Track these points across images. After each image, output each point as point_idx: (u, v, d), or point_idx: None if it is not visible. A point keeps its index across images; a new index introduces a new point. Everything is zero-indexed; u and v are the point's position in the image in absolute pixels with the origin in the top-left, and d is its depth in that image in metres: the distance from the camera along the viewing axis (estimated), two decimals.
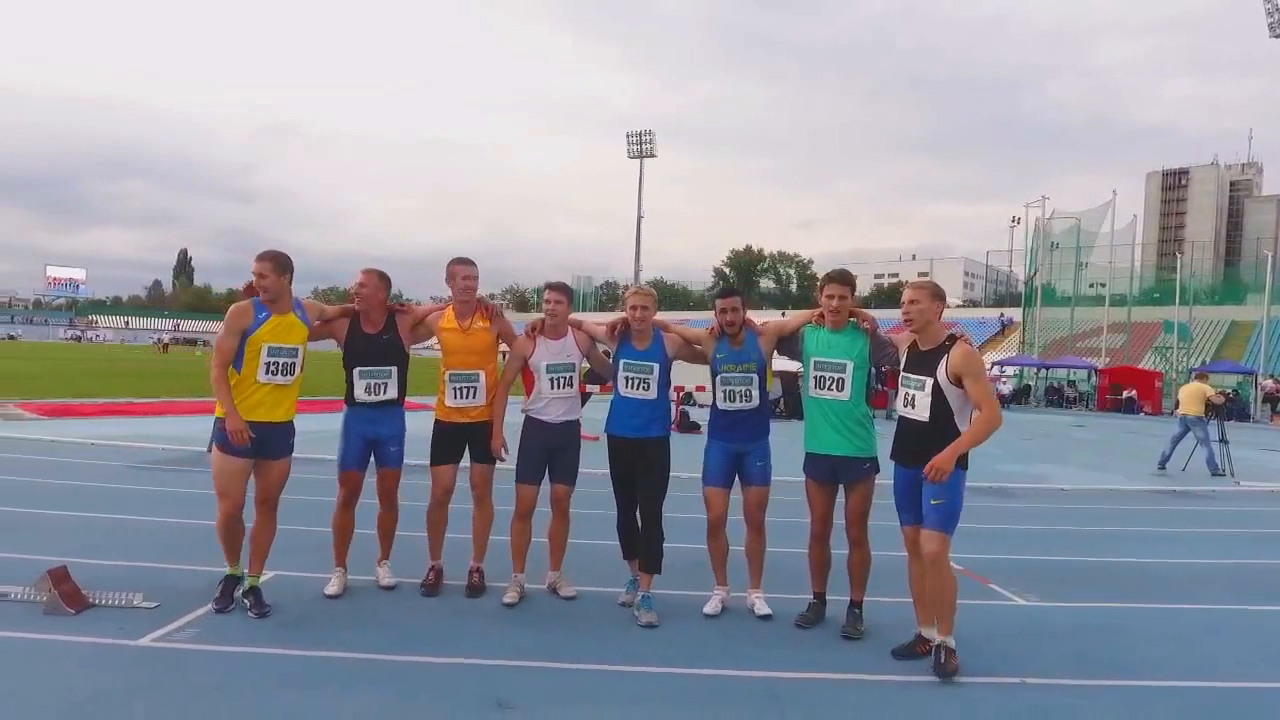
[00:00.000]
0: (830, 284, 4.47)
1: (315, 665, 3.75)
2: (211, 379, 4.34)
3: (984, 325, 60.93)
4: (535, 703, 3.44)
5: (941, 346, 4.09)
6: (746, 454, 4.68)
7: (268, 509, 4.52)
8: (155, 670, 3.63)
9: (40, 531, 6.07)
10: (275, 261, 4.36)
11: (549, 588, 4.96)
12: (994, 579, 5.71)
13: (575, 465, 4.93)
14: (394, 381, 4.82)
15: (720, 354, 4.70)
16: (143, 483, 8.52)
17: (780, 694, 3.65)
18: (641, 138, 58.05)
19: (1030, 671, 3.99)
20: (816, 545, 4.65)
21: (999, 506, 9.21)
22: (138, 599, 4.42)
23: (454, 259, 4.89)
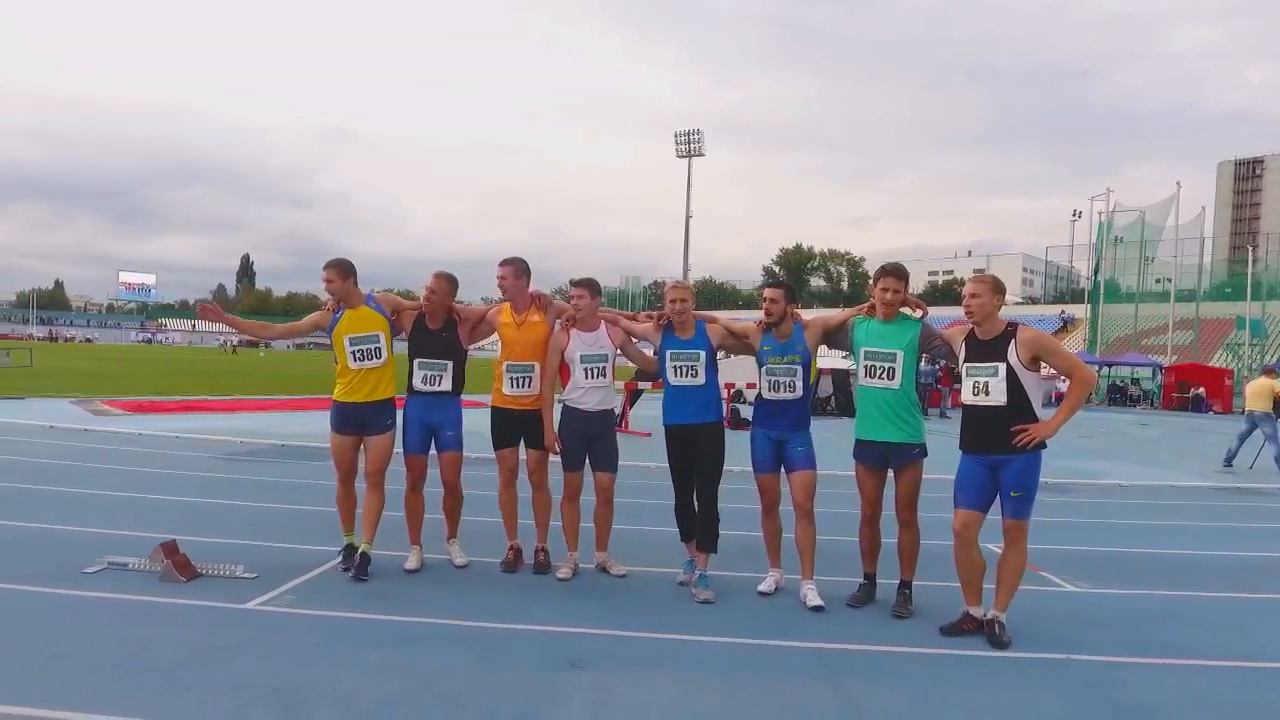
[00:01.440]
0: (885, 277, 4.66)
1: (401, 628, 4.11)
2: None
3: (1043, 322, 59.39)
4: (603, 664, 3.73)
5: (1005, 334, 4.25)
6: (787, 441, 4.88)
7: (375, 481, 5.09)
8: (262, 629, 4.03)
9: (145, 513, 6.61)
10: (339, 268, 5.01)
11: (598, 567, 5.26)
12: (1046, 568, 5.80)
13: (614, 452, 5.20)
14: (449, 374, 5.18)
15: (767, 346, 4.92)
16: (226, 472, 9.11)
17: (831, 663, 3.87)
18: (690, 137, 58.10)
19: (1078, 649, 4.12)
20: (866, 528, 4.84)
21: (1053, 501, 9.17)
22: (239, 570, 4.86)
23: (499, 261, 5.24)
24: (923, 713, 3.36)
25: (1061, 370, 4.34)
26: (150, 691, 3.21)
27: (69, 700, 3.08)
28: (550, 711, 3.22)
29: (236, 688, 3.29)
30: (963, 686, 3.65)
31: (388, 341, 5.10)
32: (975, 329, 4.34)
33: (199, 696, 3.19)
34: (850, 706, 3.38)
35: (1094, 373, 4.27)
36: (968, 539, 4.26)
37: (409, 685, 3.39)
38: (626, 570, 5.21)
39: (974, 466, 4.28)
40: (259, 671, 3.47)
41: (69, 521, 6.12)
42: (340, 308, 5.06)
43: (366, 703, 3.20)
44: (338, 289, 4.98)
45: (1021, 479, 4.13)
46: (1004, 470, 4.17)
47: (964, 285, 4.41)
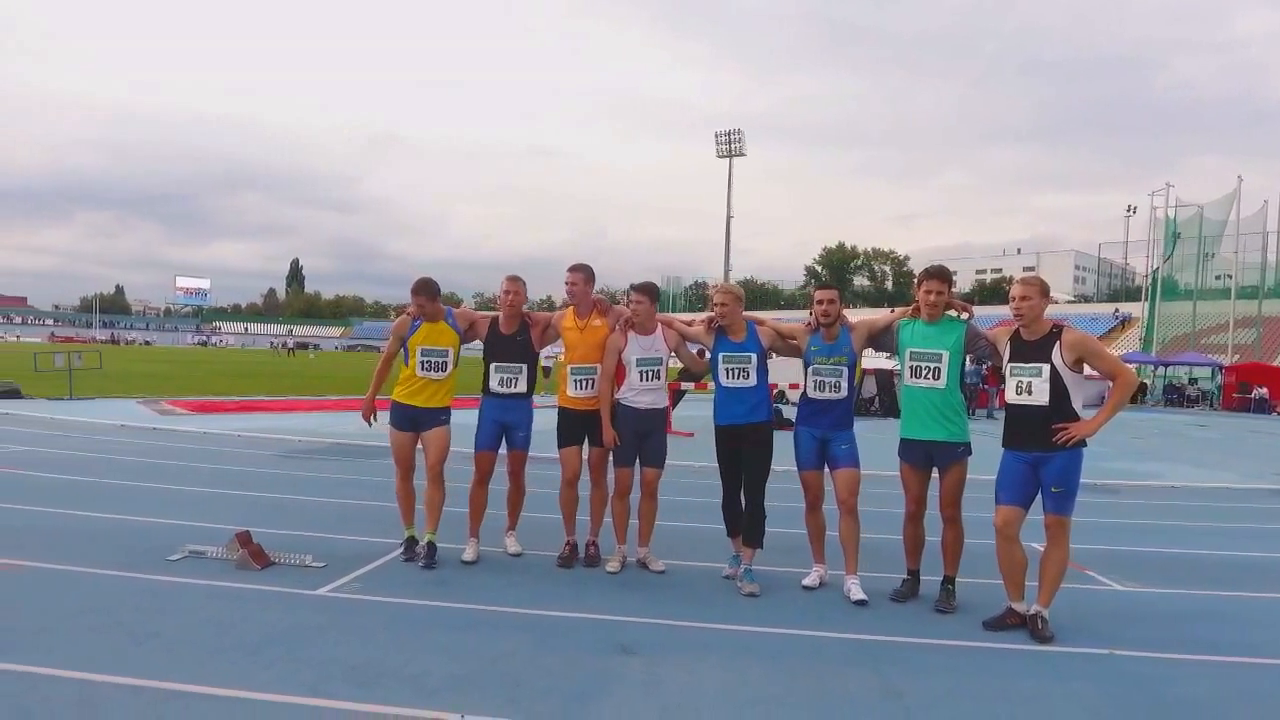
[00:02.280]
0: (929, 280, 4.76)
1: (462, 614, 4.35)
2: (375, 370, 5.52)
3: (1096, 321, 57.97)
4: (653, 650, 3.92)
5: (1049, 335, 4.32)
6: (831, 439, 5.00)
7: (434, 475, 5.42)
8: (333, 613, 4.30)
9: (217, 506, 7.00)
10: (427, 293, 5.32)
11: (639, 562, 5.44)
12: (1092, 567, 5.82)
13: (663, 450, 5.39)
14: (524, 377, 5.44)
15: (814, 346, 5.05)
16: (287, 468, 9.52)
17: (874, 652, 3.99)
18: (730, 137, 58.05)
19: (1121, 645, 4.17)
20: (910, 525, 4.94)
21: (1103, 502, 9.10)
22: (309, 559, 5.17)
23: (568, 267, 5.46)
24: (962, 698, 3.48)
25: (1105, 373, 4.39)
26: (238, 666, 3.49)
27: (168, 673, 3.37)
28: (605, 692, 3.41)
29: (314, 665, 3.55)
30: (1002, 676, 3.75)
31: (455, 356, 5.43)
32: (1021, 329, 4.42)
33: (281, 672, 3.46)
34: (891, 692, 3.51)
35: (1136, 375, 4.31)
36: (1009, 535, 4.34)
37: (472, 667, 3.62)
38: (665, 566, 5.38)
39: (1015, 463, 4.36)
40: (333, 651, 3.73)
41: (148, 513, 6.52)
42: (419, 318, 5.35)
43: (434, 681, 3.43)
44: (428, 310, 5.31)
45: (1062, 475, 4.21)
46: (1045, 467, 4.25)
47: (1011, 286, 4.48)
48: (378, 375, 5.47)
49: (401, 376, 5.43)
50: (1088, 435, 4.19)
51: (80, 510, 6.55)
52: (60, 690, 3.20)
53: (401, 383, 5.42)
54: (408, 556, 5.34)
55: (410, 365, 5.37)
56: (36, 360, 21.23)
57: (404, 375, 5.41)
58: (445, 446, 5.44)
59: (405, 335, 5.37)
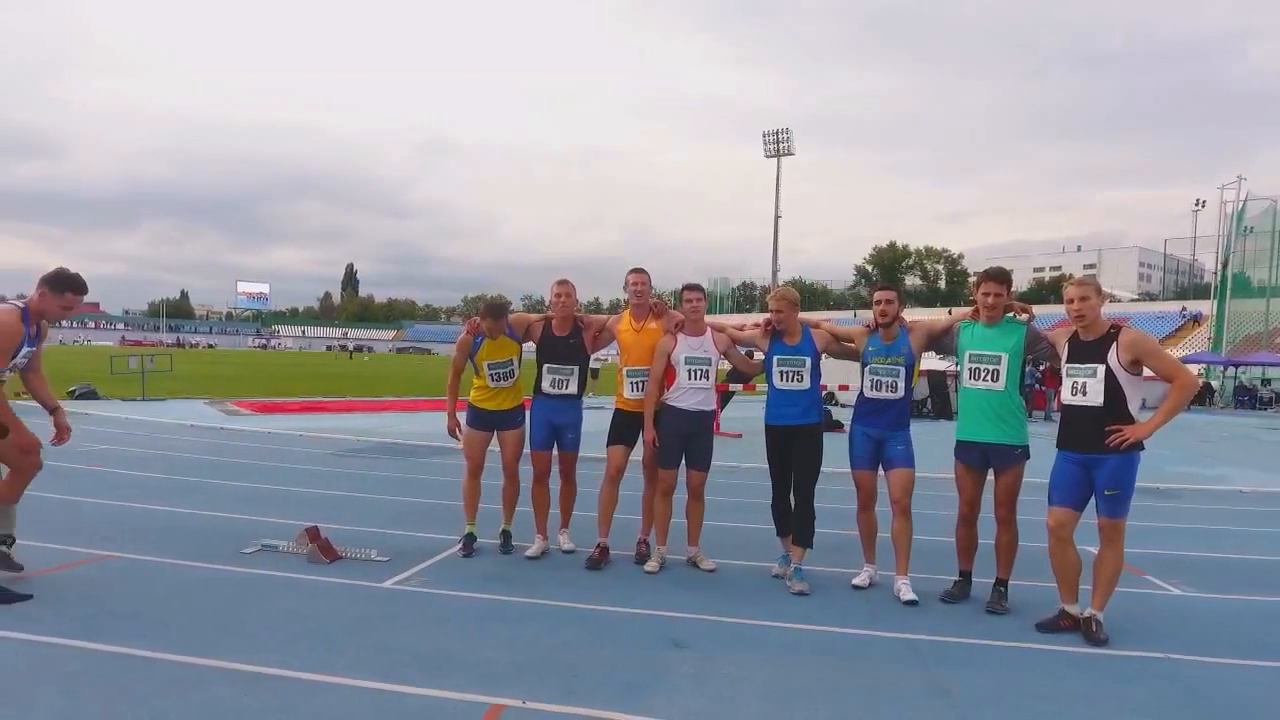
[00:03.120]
0: (987, 282, 4.78)
1: (520, 607, 4.53)
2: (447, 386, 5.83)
3: (1162, 320, 55.97)
4: (704, 645, 4.03)
5: (1107, 335, 4.30)
6: (887, 440, 5.04)
7: (510, 472, 5.74)
8: (399, 605, 4.52)
9: (284, 502, 7.34)
10: (493, 315, 5.46)
11: (689, 561, 5.54)
12: (1151, 572, 5.74)
13: (709, 452, 5.48)
14: (575, 379, 5.61)
15: (872, 347, 5.09)
16: (348, 467, 9.90)
17: (923, 651, 4.04)
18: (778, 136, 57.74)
19: (1176, 649, 4.14)
20: (964, 526, 4.95)
21: (1164, 506, 8.89)
22: (374, 553, 5.42)
23: (630, 269, 5.61)
24: (1011, 697, 3.51)
25: (1162, 374, 4.31)
26: (314, 652, 3.71)
27: (253, 657, 3.61)
28: (658, 683, 3.54)
29: (385, 652, 3.76)
30: (1052, 676, 3.76)
31: (519, 360, 5.68)
32: (1079, 330, 4.41)
33: (355, 658, 3.67)
34: (939, 690, 3.56)
35: (1195, 378, 4.24)
36: (1062, 536, 4.34)
37: (532, 656, 3.79)
38: (716, 565, 5.48)
39: (1068, 465, 4.35)
40: (402, 640, 3.94)
41: (221, 509, 6.88)
42: (480, 334, 5.57)
43: (497, 669, 3.61)
44: (490, 328, 5.48)
45: (1116, 478, 4.18)
46: (1098, 469, 4.23)
47: (1065, 288, 4.46)
48: (451, 390, 5.70)
49: (475, 384, 5.71)
50: (1141, 439, 4.16)
51: (160, 505, 6.94)
52: (156, 670, 3.46)
53: (476, 389, 5.69)
54: (466, 552, 5.55)
55: (481, 378, 5.64)
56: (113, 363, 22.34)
57: (477, 383, 5.69)
58: (520, 446, 5.75)
59: (470, 353, 5.62)
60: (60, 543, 5.42)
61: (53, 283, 4.29)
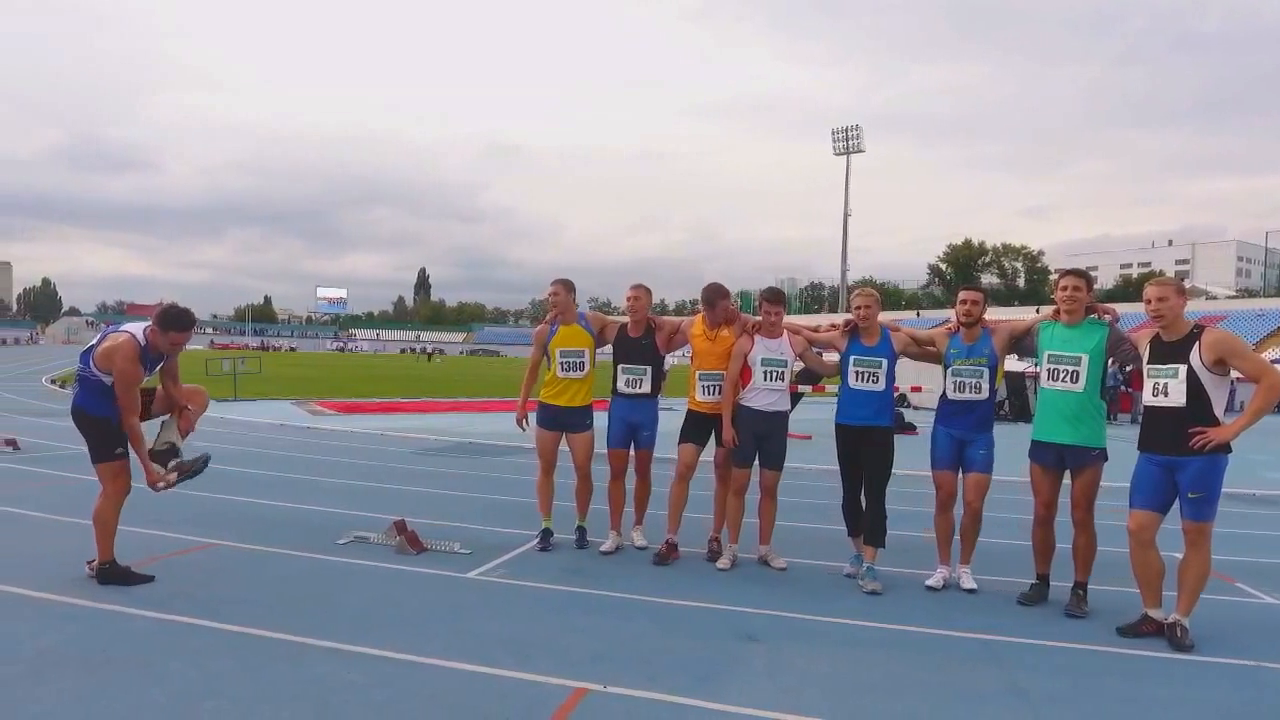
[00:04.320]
0: (1065, 277, 4.77)
1: (597, 599, 4.71)
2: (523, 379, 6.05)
3: (1263, 318, 52.82)
4: (775, 639, 4.13)
5: (1190, 335, 4.22)
6: (970, 442, 5.04)
7: (582, 473, 5.95)
8: (484, 594, 4.77)
9: (371, 497, 7.74)
10: (565, 284, 5.83)
11: (760, 559, 5.62)
12: (1242, 579, 5.56)
13: (782, 452, 5.54)
14: (648, 378, 5.77)
15: (954, 349, 5.10)
16: (427, 465, 10.32)
17: (998, 651, 4.04)
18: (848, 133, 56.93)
19: (1268, 658, 4.03)
20: (1040, 529, 4.91)
21: (1260, 514, 8.51)
22: (457, 546, 5.70)
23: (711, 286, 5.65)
24: (1089, 699, 3.49)
25: (1248, 374, 4.17)
26: (409, 636, 3.97)
27: (351, 638, 3.89)
28: (730, 673, 3.66)
29: (473, 637, 3.99)
30: (1134, 680, 3.72)
31: (591, 356, 5.84)
32: (1160, 331, 4.33)
33: (446, 642, 3.91)
34: (1015, 689, 3.57)
35: None
36: (1144, 540, 4.26)
37: (610, 645, 3.96)
38: (787, 563, 5.55)
39: (1150, 467, 4.27)
40: (488, 627, 4.17)
41: (314, 502, 7.31)
42: (556, 322, 5.80)
43: (578, 656, 3.79)
44: (562, 300, 5.75)
45: (1200, 480, 4.10)
46: (1181, 471, 4.14)
47: (1145, 288, 4.39)
48: (526, 383, 5.96)
49: (546, 379, 5.90)
50: (1225, 440, 4.06)
51: (258, 499, 7.42)
52: (269, 647, 3.76)
53: (546, 385, 5.88)
54: (543, 546, 5.77)
55: (552, 368, 5.82)
56: (208, 366, 23.66)
57: (548, 379, 5.88)
58: (590, 448, 5.92)
59: (545, 341, 5.83)
60: (173, 531, 5.87)
61: (161, 321, 4.62)
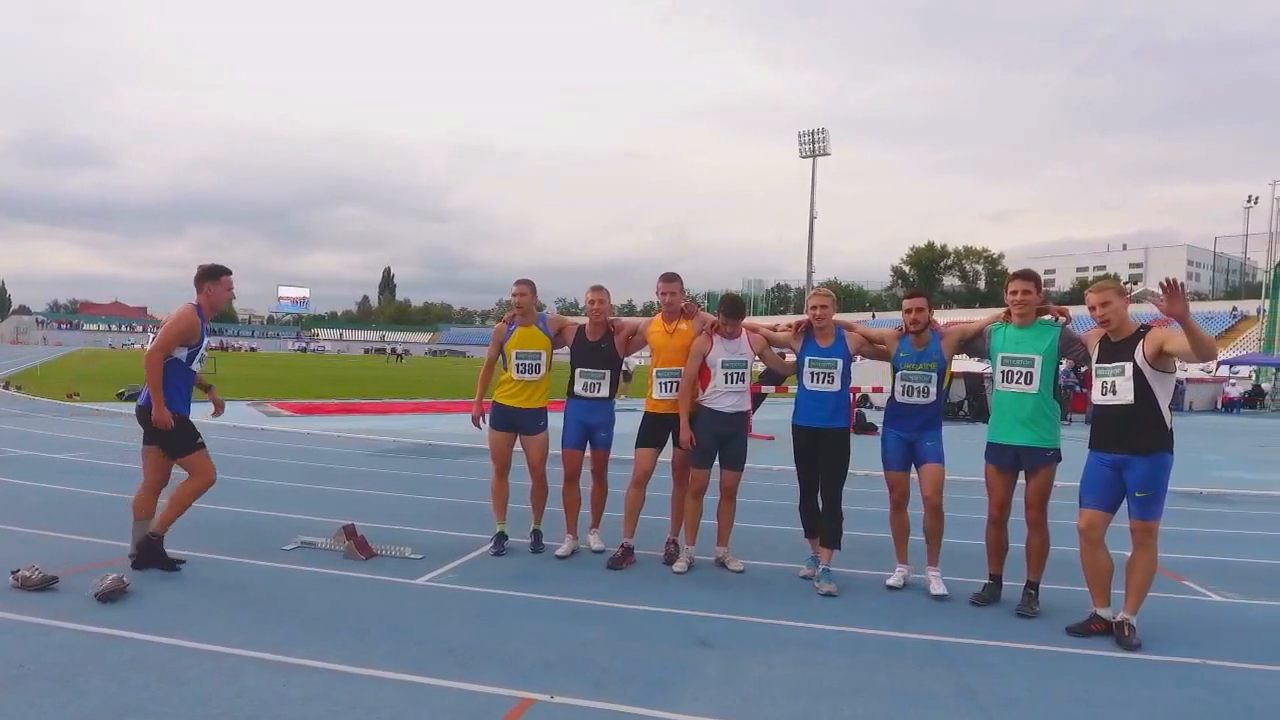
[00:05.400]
0: (1015, 280, 4.77)
1: (550, 605, 4.60)
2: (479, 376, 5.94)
3: (1211, 320, 54.40)
4: (730, 645, 4.06)
5: (1135, 335, 4.27)
6: (918, 440, 5.04)
7: (536, 475, 5.84)
8: (434, 600, 4.63)
9: (321, 501, 7.52)
10: (530, 285, 5.77)
11: (717, 561, 5.56)
12: (1191, 578, 5.63)
13: (743, 453, 5.49)
14: (606, 382, 5.69)
15: (903, 352, 5.09)
16: (382, 467, 10.10)
17: (950, 653, 4.02)
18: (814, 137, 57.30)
19: (1214, 655, 4.06)
20: (994, 529, 4.91)
21: (1211, 511, 8.69)
22: (408, 551, 5.55)
23: (660, 275, 5.59)
24: (1039, 701, 3.48)
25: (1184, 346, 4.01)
26: (350, 645, 3.82)
27: (295, 649, 3.73)
28: (684, 680, 3.58)
29: (418, 646, 3.86)
30: (1082, 680, 3.72)
31: (548, 359, 5.73)
32: (1109, 333, 4.36)
33: (388, 652, 3.77)
34: (966, 691, 3.55)
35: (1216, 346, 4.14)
36: (1093, 538, 4.29)
37: (560, 652, 3.85)
38: (744, 565, 5.49)
39: (1099, 467, 4.30)
40: (434, 634, 4.04)
41: (262, 507, 7.08)
42: (515, 322, 5.69)
43: (526, 665, 3.68)
44: (527, 302, 5.68)
45: (1147, 479, 4.13)
46: (1129, 471, 4.17)
47: (1086, 295, 4.41)
48: (481, 380, 5.84)
49: (501, 380, 5.78)
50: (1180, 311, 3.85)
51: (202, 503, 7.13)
52: (200, 659, 3.59)
53: (501, 385, 5.77)
54: (497, 551, 5.64)
55: (508, 368, 5.71)
56: None
57: (503, 379, 5.76)
58: (545, 449, 5.82)
59: (502, 341, 5.72)
60: (105, 537, 5.63)
61: (209, 275, 5.10)
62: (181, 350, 5.01)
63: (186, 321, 4.96)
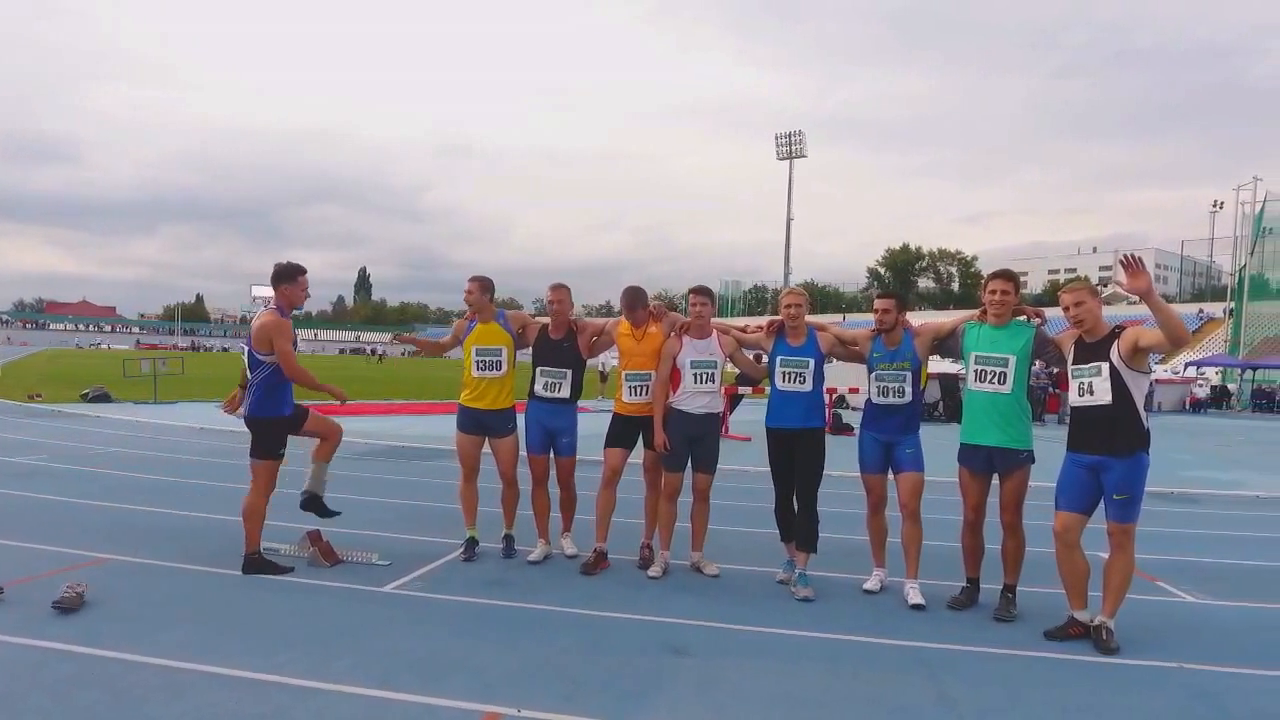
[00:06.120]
0: (994, 280, 4.72)
1: (520, 613, 4.48)
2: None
3: None
4: (706, 652, 3.97)
5: (1110, 335, 4.25)
6: (897, 444, 4.97)
7: (507, 479, 5.67)
8: (399, 609, 4.48)
9: (289, 506, 7.30)
10: (481, 282, 5.60)
11: (693, 566, 5.47)
12: (1165, 579, 5.63)
13: (715, 455, 5.40)
14: (568, 382, 5.56)
15: (877, 353, 5.03)
16: (352, 470, 9.87)
17: (930, 660, 3.96)
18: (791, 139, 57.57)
19: (1191, 658, 4.04)
20: (969, 533, 4.86)
21: (1180, 512, 8.75)
22: (375, 557, 5.40)
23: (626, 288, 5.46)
24: (1018, 707, 3.42)
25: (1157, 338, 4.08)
26: (311, 657, 3.68)
27: (252, 663, 3.58)
28: (658, 691, 3.48)
29: (382, 657, 3.72)
30: (1062, 686, 3.67)
31: (509, 356, 5.58)
32: (1083, 334, 4.33)
33: (353, 663, 3.63)
34: (946, 700, 3.48)
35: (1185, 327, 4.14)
36: (1069, 541, 4.25)
37: (530, 662, 3.73)
38: (719, 570, 5.41)
39: (1076, 469, 4.26)
40: (400, 644, 3.90)
41: (225, 512, 6.86)
42: (474, 320, 5.57)
43: (494, 676, 3.55)
44: (476, 300, 5.55)
45: (1124, 482, 4.10)
46: (1106, 473, 4.14)
47: (1060, 297, 4.39)
48: (428, 344, 6.26)
49: (464, 382, 5.63)
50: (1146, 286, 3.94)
51: (162, 508, 6.96)
52: (149, 675, 3.42)
53: (465, 388, 5.62)
54: (467, 556, 5.51)
55: (468, 366, 5.58)
56: (125, 367, 22.52)
57: (466, 380, 5.60)
58: (515, 453, 5.68)
59: (462, 336, 5.63)
60: (59, 545, 5.42)
61: (284, 276, 5.20)
62: (272, 356, 5.17)
63: (286, 326, 5.17)
